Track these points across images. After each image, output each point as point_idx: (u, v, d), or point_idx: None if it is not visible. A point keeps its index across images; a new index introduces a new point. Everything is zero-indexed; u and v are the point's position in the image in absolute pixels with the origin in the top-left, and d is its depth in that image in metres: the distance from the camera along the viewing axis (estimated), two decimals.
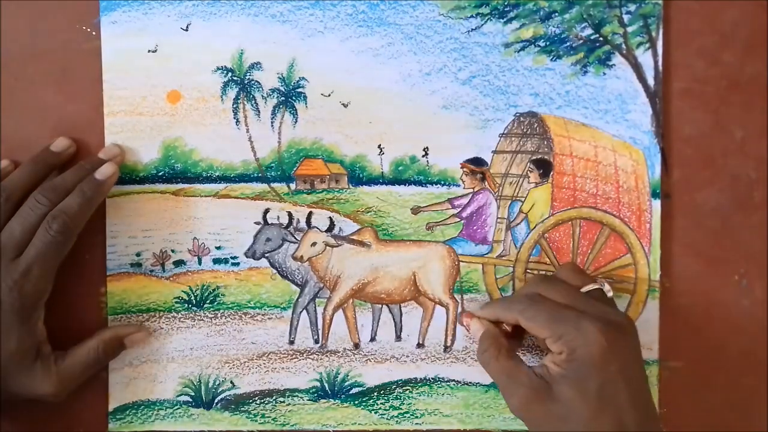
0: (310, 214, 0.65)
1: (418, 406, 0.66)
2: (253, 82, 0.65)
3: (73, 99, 0.65)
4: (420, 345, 0.66)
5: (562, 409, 0.55)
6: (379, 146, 0.65)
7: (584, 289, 0.59)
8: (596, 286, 0.59)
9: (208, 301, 0.66)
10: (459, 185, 0.65)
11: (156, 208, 0.65)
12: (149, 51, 0.64)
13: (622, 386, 0.54)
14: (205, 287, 0.66)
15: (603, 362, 0.54)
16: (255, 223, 0.65)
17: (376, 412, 0.66)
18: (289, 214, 0.65)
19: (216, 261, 0.65)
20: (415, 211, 0.66)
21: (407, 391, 0.66)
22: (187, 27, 0.65)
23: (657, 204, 0.65)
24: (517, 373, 0.57)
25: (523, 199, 0.66)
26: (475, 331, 0.62)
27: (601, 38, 0.65)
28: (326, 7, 0.65)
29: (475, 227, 0.66)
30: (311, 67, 0.65)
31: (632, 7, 0.64)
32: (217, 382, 0.66)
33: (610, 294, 0.59)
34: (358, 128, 0.65)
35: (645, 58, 0.65)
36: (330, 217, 0.66)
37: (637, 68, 0.65)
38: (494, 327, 0.61)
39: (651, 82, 0.65)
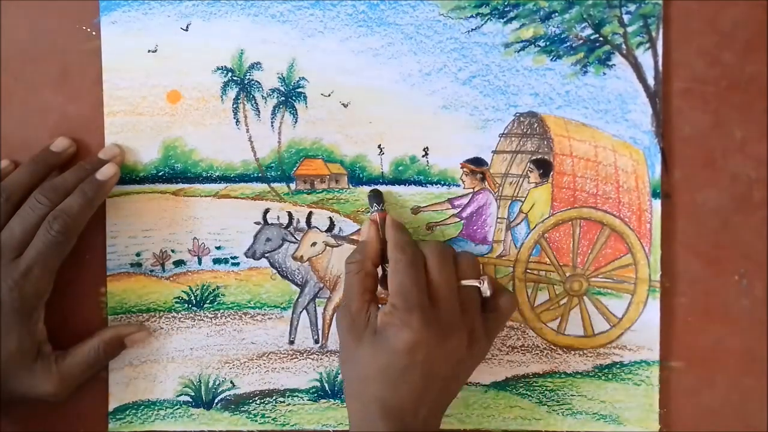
0: (310, 214, 0.65)
1: None
2: (253, 82, 0.65)
3: (73, 99, 0.65)
4: None
5: (356, 355, 0.57)
6: (379, 146, 0.65)
7: (463, 283, 0.59)
8: (475, 284, 0.59)
9: (208, 301, 0.66)
10: (459, 185, 0.65)
11: (156, 208, 0.65)
12: (149, 51, 0.64)
13: (416, 378, 0.55)
14: (205, 287, 0.66)
15: (407, 350, 0.55)
16: (255, 223, 0.65)
17: None
18: (289, 214, 0.65)
19: (216, 261, 0.65)
20: (415, 211, 0.66)
21: None
22: (187, 27, 0.65)
23: (657, 204, 0.65)
24: (361, 299, 0.58)
25: (523, 199, 0.66)
26: (365, 234, 0.62)
27: (601, 38, 0.65)
28: (326, 7, 0.65)
29: (475, 227, 0.66)
30: (311, 67, 0.65)
31: (632, 7, 0.64)
32: (217, 382, 0.66)
33: (486, 293, 0.59)
34: (358, 128, 0.65)
35: (645, 58, 0.65)
36: (330, 217, 0.66)
37: (637, 68, 0.65)
38: (378, 246, 0.61)
39: (651, 82, 0.65)
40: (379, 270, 0.61)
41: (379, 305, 0.59)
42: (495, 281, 0.63)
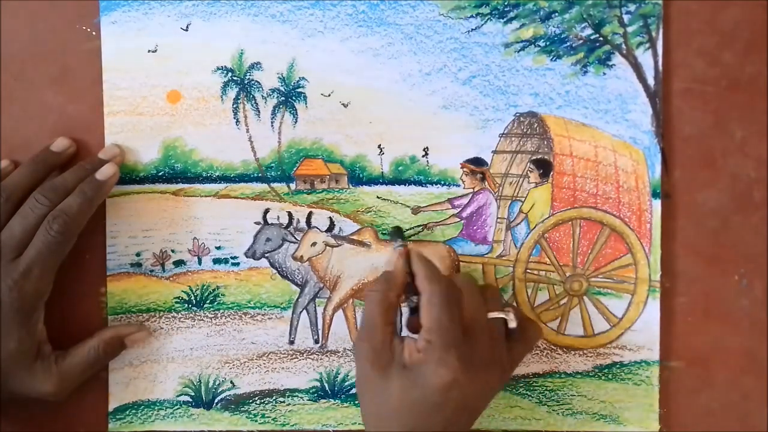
0: (310, 214, 0.65)
1: None
2: (253, 82, 0.65)
3: (73, 99, 0.65)
4: None
5: (381, 388, 0.56)
6: (379, 146, 0.65)
7: (490, 315, 0.59)
8: (502, 316, 0.59)
9: (208, 301, 0.66)
10: (459, 185, 0.65)
11: (156, 208, 0.65)
12: (149, 51, 0.64)
13: (448, 413, 0.55)
14: (205, 287, 0.66)
15: (444, 388, 0.54)
16: (255, 223, 0.65)
17: None
18: (289, 214, 0.65)
19: (216, 261, 0.65)
20: (415, 211, 0.66)
21: None
22: (187, 27, 0.65)
23: (657, 204, 0.65)
24: (384, 331, 0.58)
25: (523, 199, 0.66)
26: (391, 264, 0.62)
27: (601, 38, 0.65)
28: (326, 7, 0.65)
29: (475, 227, 0.66)
30: (311, 67, 0.65)
31: (632, 7, 0.64)
32: (217, 382, 0.66)
33: (512, 324, 0.59)
34: (358, 128, 0.65)
35: (645, 58, 0.65)
36: (330, 217, 0.66)
37: (637, 68, 0.65)
38: (405, 279, 0.60)
39: (651, 82, 0.65)
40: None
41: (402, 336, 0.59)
42: (519, 310, 0.64)
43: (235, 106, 0.65)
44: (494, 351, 0.58)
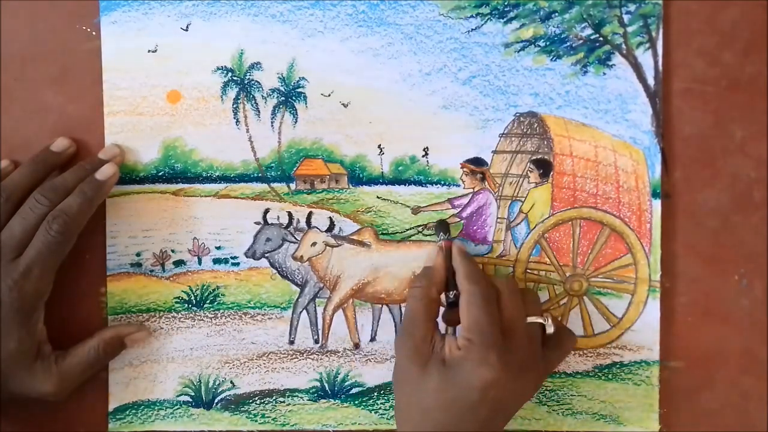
0: (310, 214, 0.65)
1: None
2: (253, 82, 0.65)
3: (73, 99, 0.65)
4: None
5: (419, 383, 0.56)
6: (379, 146, 0.65)
7: (529, 319, 0.59)
8: (540, 320, 0.59)
9: (208, 301, 0.66)
10: (459, 185, 0.65)
11: (156, 208, 0.65)
12: (149, 51, 0.64)
13: (484, 413, 0.55)
14: (205, 287, 0.66)
15: (482, 387, 0.54)
16: (255, 223, 0.65)
17: (376, 412, 0.66)
18: (289, 214, 0.65)
19: (216, 261, 0.65)
20: (415, 211, 0.66)
21: None
22: (187, 27, 0.65)
23: (657, 204, 0.65)
24: (425, 326, 0.58)
25: (523, 199, 0.66)
26: (431, 260, 0.62)
27: (601, 38, 0.65)
28: (326, 7, 0.65)
29: (475, 227, 0.66)
30: (311, 67, 0.65)
31: (632, 7, 0.64)
32: (217, 382, 0.66)
33: (550, 330, 0.59)
34: (358, 128, 0.65)
35: (645, 58, 0.65)
36: (330, 217, 0.66)
37: (637, 68, 0.65)
38: (445, 274, 0.61)
39: (651, 82, 0.65)
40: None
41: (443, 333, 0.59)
42: (555, 318, 0.64)
43: (235, 106, 0.65)
44: (532, 355, 0.58)
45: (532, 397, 0.61)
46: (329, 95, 0.65)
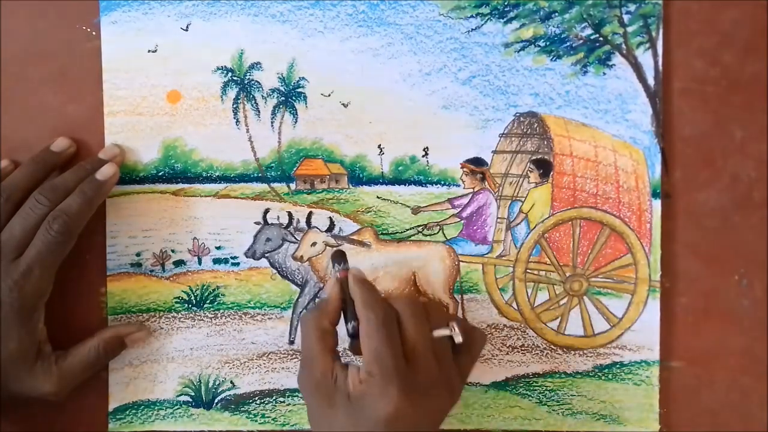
0: (310, 214, 0.65)
1: None
2: (253, 82, 0.65)
3: (73, 99, 0.65)
4: None
5: (330, 419, 0.54)
6: (379, 146, 0.65)
7: (435, 334, 0.56)
8: (446, 333, 0.56)
9: (208, 301, 0.66)
10: (459, 185, 0.65)
11: (156, 208, 0.65)
12: (149, 51, 0.64)
13: None
14: (205, 287, 0.66)
15: (387, 421, 0.52)
16: (255, 223, 0.65)
17: None
18: (289, 214, 0.65)
19: (216, 261, 0.65)
20: (415, 211, 0.66)
21: None
22: (187, 27, 0.65)
23: (657, 204, 0.65)
24: (324, 360, 0.55)
25: (523, 199, 0.66)
26: (327, 290, 0.59)
27: (601, 38, 0.65)
28: (326, 7, 0.65)
29: (475, 227, 0.66)
30: (311, 67, 0.65)
31: (632, 7, 0.64)
32: (217, 382, 0.66)
33: (458, 339, 0.56)
34: (358, 128, 0.65)
35: (645, 58, 0.65)
36: (330, 217, 0.66)
37: (637, 68, 0.65)
38: (338, 305, 0.58)
39: (651, 82, 0.65)
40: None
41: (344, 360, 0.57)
42: (463, 321, 0.62)
43: (235, 106, 0.65)
44: (441, 371, 0.55)
45: (449, 410, 0.57)
46: (329, 95, 0.65)
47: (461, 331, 0.57)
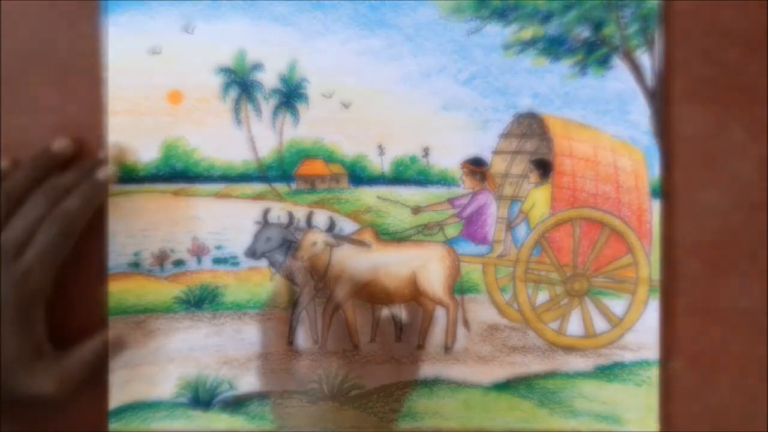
0: (310, 213, 0.65)
1: (418, 408, 0.66)
2: (254, 82, 0.65)
3: (73, 99, 0.65)
4: (420, 346, 0.66)
5: None
6: (379, 146, 0.65)
7: None
8: None
9: (207, 301, 0.65)
10: (459, 185, 0.66)
11: (156, 207, 0.65)
12: (151, 51, 0.65)
13: None
14: (204, 287, 0.65)
15: None
16: (255, 222, 0.65)
17: (375, 414, 0.66)
18: (290, 214, 0.65)
19: (216, 261, 0.65)
20: (416, 211, 0.66)
21: (407, 393, 0.66)
22: (190, 29, 0.65)
23: (657, 204, 0.65)
24: None
25: (523, 199, 0.66)
26: None
27: (600, 39, 0.65)
28: (327, 8, 0.65)
29: (475, 227, 0.66)
30: (312, 68, 0.65)
31: (631, 9, 0.65)
32: (215, 383, 0.65)
33: None
34: (358, 128, 0.65)
35: (644, 58, 0.65)
36: (330, 217, 0.66)
37: (636, 69, 0.65)
38: None
39: (650, 82, 0.65)
40: None
41: None
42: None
43: (236, 106, 0.65)
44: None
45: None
46: (330, 96, 0.65)
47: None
